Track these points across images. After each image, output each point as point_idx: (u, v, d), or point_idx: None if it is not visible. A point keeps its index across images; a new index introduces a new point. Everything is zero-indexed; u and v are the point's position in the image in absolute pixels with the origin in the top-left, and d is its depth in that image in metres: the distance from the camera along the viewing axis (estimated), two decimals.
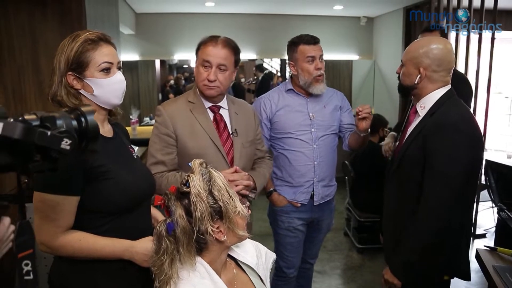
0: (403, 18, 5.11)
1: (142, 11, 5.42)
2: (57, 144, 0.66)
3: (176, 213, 1.07)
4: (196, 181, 1.08)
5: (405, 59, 1.71)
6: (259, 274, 1.27)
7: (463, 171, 1.55)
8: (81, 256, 1.23)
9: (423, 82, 1.66)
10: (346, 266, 3.56)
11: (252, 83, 6.11)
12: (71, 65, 1.24)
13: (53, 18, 2.59)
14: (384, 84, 5.79)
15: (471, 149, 1.58)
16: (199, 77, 1.75)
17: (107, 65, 1.26)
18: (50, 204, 1.17)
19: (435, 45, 1.64)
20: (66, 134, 0.68)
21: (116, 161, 1.29)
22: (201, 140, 1.75)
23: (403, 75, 1.74)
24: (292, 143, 2.18)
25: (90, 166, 1.21)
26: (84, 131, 0.76)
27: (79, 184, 1.20)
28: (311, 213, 2.26)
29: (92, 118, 0.78)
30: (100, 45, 1.26)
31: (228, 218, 1.10)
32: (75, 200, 1.21)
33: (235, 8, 5.40)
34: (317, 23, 5.76)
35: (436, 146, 1.57)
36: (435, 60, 1.62)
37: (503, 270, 1.63)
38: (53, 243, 1.20)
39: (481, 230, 4.16)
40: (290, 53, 2.18)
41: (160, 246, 1.09)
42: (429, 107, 1.66)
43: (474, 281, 3.08)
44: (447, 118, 1.59)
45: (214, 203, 1.08)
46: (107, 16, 3.27)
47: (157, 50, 5.66)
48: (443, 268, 1.68)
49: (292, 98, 2.21)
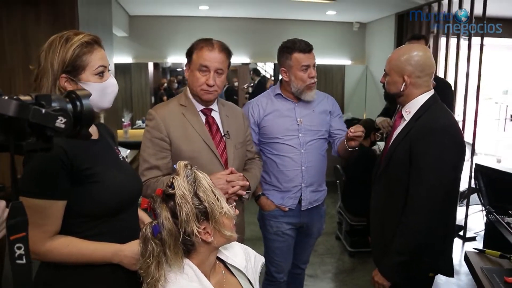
0: (395, 24, 5.18)
1: (136, 13, 5.42)
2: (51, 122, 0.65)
3: (162, 215, 1.07)
4: (181, 182, 1.08)
5: (388, 68, 1.77)
6: (248, 277, 1.27)
7: (450, 172, 1.62)
8: (70, 262, 1.22)
9: (408, 88, 1.71)
10: (338, 270, 3.57)
11: (250, 87, 6.14)
12: (67, 67, 1.22)
13: (45, 21, 2.57)
14: (376, 89, 5.84)
15: (457, 152, 1.65)
16: (196, 82, 1.75)
17: (102, 69, 1.26)
18: (36, 209, 1.14)
19: (415, 52, 1.70)
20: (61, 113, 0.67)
21: (103, 163, 1.28)
22: (195, 143, 1.75)
23: (388, 84, 1.79)
24: (280, 148, 2.17)
25: (77, 169, 1.19)
26: (79, 115, 0.75)
27: (65, 188, 1.18)
28: (300, 218, 2.25)
29: (88, 102, 0.77)
30: (95, 48, 1.25)
31: (214, 218, 1.10)
32: (61, 205, 1.19)
33: (229, 12, 5.42)
34: (310, 28, 5.81)
35: (424, 149, 1.62)
36: (417, 67, 1.68)
37: (490, 272, 1.65)
38: (40, 249, 1.18)
39: (471, 233, 4.20)
40: (283, 59, 2.14)
41: (146, 249, 1.08)
42: (414, 111, 1.72)
43: (465, 283, 3.11)
44: (435, 122, 1.65)
45: (199, 204, 1.09)
46: (100, 19, 3.27)
47: (150, 53, 5.66)
48: (429, 266, 1.73)
49: (280, 103, 2.21)
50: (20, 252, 0.69)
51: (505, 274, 1.62)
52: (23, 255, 0.69)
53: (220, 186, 1.71)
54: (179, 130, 1.75)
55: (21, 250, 0.69)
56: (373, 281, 1.77)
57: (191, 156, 1.71)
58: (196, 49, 1.75)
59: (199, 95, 1.78)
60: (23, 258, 0.69)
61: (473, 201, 4.19)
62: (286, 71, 2.14)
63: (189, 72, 1.78)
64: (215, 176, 1.72)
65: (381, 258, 1.78)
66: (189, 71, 1.78)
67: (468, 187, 4.27)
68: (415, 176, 1.63)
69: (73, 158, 1.18)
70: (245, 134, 1.97)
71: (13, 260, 0.67)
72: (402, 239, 1.66)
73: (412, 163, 1.64)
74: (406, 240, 1.65)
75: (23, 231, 0.71)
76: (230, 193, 1.74)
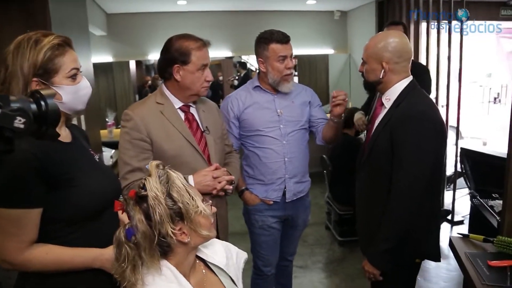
0: (376, 11, 5.16)
1: (113, 11, 5.32)
2: (9, 122, 0.64)
3: (135, 217, 1.04)
4: (153, 183, 1.05)
5: (366, 56, 1.76)
6: (230, 275, 1.25)
7: (430, 159, 1.62)
8: (50, 270, 1.19)
9: (387, 75, 1.70)
10: (328, 259, 3.58)
11: (235, 79, 6.09)
12: (38, 71, 1.17)
13: (17, 20, 2.49)
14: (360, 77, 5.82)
15: (437, 137, 1.64)
16: (197, 81, 1.71)
17: (75, 72, 1.23)
18: (10, 219, 1.11)
19: (391, 39, 1.70)
20: (19, 112, 0.66)
21: (79, 167, 1.25)
22: (176, 141, 1.72)
23: (366, 72, 1.78)
24: (262, 140, 2.16)
25: (53, 174, 1.16)
26: (44, 115, 0.74)
27: (39, 195, 1.15)
28: (284, 210, 2.24)
29: (53, 101, 0.75)
30: (67, 50, 1.22)
31: (189, 218, 1.07)
32: (37, 212, 1.15)
33: (207, 6, 5.35)
34: (290, 18, 5.75)
35: (403, 137, 1.62)
36: (395, 53, 1.68)
37: (474, 256, 1.66)
38: (17, 260, 1.14)
39: (458, 217, 4.24)
40: (260, 50, 2.12)
41: (120, 253, 1.05)
42: (394, 98, 1.71)
43: (453, 267, 3.14)
44: (413, 108, 1.65)
45: (173, 204, 1.06)
46: (75, 18, 3.19)
47: (130, 51, 5.57)
48: (415, 251, 1.74)
49: (259, 95, 2.19)
50: None
51: (489, 258, 1.62)
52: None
53: (207, 183, 1.70)
54: (160, 129, 1.70)
55: None
56: (364, 270, 1.78)
57: (173, 154, 1.68)
58: (193, 49, 1.68)
59: (199, 93, 1.76)
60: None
61: (459, 185, 4.21)
62: (263, 61, 2.12)
63: (185, 73, 1.70)
64: (200, 173, 1.71)
65: (368, 247, 1.78)
66: (185, 72, 1.70)
67: (455, 171, 4.30)
68: (396, 164, 1.64)
69: (46, 164, 1.15)
70: (221, 127, 1.96)
71: None
72: (387, 226, 1.66)
73: (393, 151, 1.64)
74: (391, 227, 1.66)
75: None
76: (218, 189, 1.72)
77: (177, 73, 1.71)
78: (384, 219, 1.67)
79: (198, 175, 1.70)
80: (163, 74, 1.76)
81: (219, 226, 1.82)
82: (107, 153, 4.10)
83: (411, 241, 1.69)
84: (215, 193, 1.73)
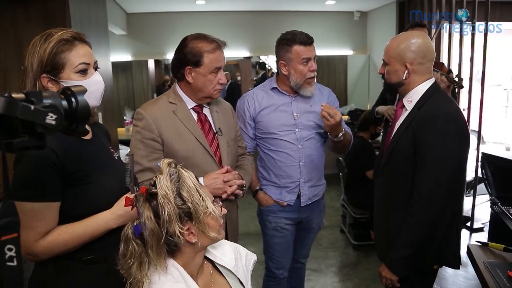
0: (397, 12, 5.07)
1: (133, 11, 5.38)
2: (41, 118, 0.64)
3: (144, 215, 1.04)
4: (164, 181, 1.04)
5: (388, 57, 1.71)
6: (239, 277, 1.23)
7: (454, 161, 1.59)
8: (69, 248, 1.19)
9: (411, 76, 1.66)
10: (342, 263, 3.52)
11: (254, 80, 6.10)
12: (45, 67, 1.18)
13: (36, 19, 2.53)
14: (379, 79, 5.73)
15: (461, 141, 1.60)
16: (209, 84, 1.69)
17: (84, 66, 1.21)
18: (29, 213, 1.13)
19: (414, 39, 1.65)
20: (51, 109, 0.66)
21: (95, 164, 1.25)
22: (188, 142, 1.70)
23: (388, 74, 1.72)
24: (277, 144, 2.12)
25: (68, 171, 1.17)
26: (74, 112, 0.74)
27: (57, 189, 1.16)
28: (299, 213, 2.21)
29: (83, 98, 0.76)
30: (75, 45, 1.21)
31: (198, 219, 1.06)
32: (56, 206, 1.17)
33: (226, 6, 5.36)
34: (310, 19, 5.72)
35: (427, 138, 1.58)
36: (419, 53, 1.63)
37: (493, 266, 1.60)
38: (36, 249, 1.16)
39: (478, 224, 4.12)
40: (282, 52, 2.06)
41: (127, 249, 1.05)
42: (416, 100, 1.67)
43: (472, 275, 3.05)
44: (437, 110, 1.61)
45: (182, 204, 1.05)
46: (94, 16, 3.23)
47: (149, 50, 5.63)
48: (434, 258, 1.69)
49: (277, 97, 2.14)
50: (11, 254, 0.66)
51: (509, 268, 1.56)
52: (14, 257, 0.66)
53: (217, 186, 1.67)
54: (171, 129, 1.69)
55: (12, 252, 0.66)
56: (380, 276, 1.73)
57: (185, 155, 1.66)
58: (206, 52, 1.65)
59: (211, 96, 1.73)
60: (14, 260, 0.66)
61: (480, 191, 4.10)
62: (286, 64, 2.06)
63: (197, 76, 1.68)
64: (211, 176, 1.69)
65: (386, 252, 1.73)
66: (196, 74, 1.68)
67: (475, 177, 4.18)
68: (419, 166, 1.59)
69: (64, 160, 1.16)
70: (235, 129, 1.93)
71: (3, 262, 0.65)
72: (408, 231, 1.62)
73: (416, 154, 1.60)
74: (412, 233, 1.61)
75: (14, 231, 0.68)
76: (229, 194, 1.70)
77: (189, 75, 1.69)
78: (405, 225, 1.62)
79: (208, 178, 1.68)
80: (176, 74, 1.74)
81: (228, 229, 1.80)
82: (124, 151, 4.15)
83: (431, 247, 1.64)
84: (225, 197, 1.70)
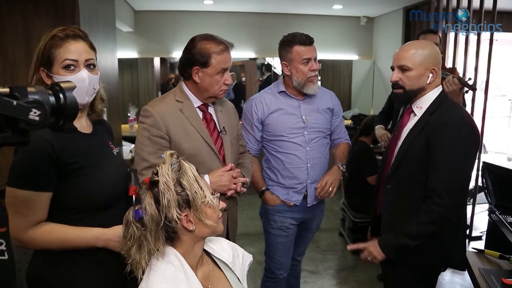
0: (403, 18, 5.09)
1: (141, 8, 5.41)
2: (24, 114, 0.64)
3: (145, 201, 1.09)
4: (165, 170, 1.09)
5: (413, 63, 1.68)
6: (236, 273, 1.26)
7: (467, 165, 1.64)
8: (53, 248, 1.24)
9: (434, 81, 1.70)
10: (340, 266, 3.54)
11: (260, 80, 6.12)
12: (41, 60, 1.25)
13: (46, 15, 2.57)
14: (384, 84, 5.76)
15: (472, 144, 1.65)
16: (216, 85, 1.71)
17: (69, 62, 1.24)
18: (21, 199, 1.18)
19: (432, 46, 1.71)
20: (35, 105, 0.65)
21: (92, 158, 1.29)
22: (194, 141, 1.72)
23: (410, 80, 1.70)
24: (285, 146, 2.15)
25: (63, 162, 1.21)
26: (62, 108, 0.74)
27: (51, 180, 1.20)
28: (304, 213, 2.25)
29: (71, 95, 0.75)
30: (67, 41, 1.25)
31: (195, 207, 1.10)
32: (47, 196, 1.21)
33: (233, 7, 5.38)
34: (316, 22, 5.74)
35: (441, 142, 1.60)
36: (438, 59, 1.70)
37: (488, 273, 1.62)
38: (23, 237, 1.22)
39: (477, 232, 4.11)
40: (284, 53, 2.11)
41: (127, 231, 1.10)
42: (426, 106, 1.70)
43: (469, 283, 3.04)
44: (451, 115, 1.65)
45: (181, 191, 1.10)
46: (102, 13, 3.26)
47: (155, 48, 5.66)
48: (441, 259, 1.72)
49: (285, 100, 2.17)
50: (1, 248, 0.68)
51: (503, 276, 1.58)
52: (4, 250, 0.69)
53: (223, 183, 1.70)
54: (179, 127, 1.71)
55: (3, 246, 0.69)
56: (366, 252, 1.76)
57: (191, 153, 1.68)
58: (214, 53, 1.67)
59: (217, 96, 1.76)
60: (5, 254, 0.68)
61: (479, 200, 4.10)
62: (287, 64, 2.11)
63: (204, 76, 1.70)
64: (216, 173, 1.71)
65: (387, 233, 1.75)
66: (204, 74, 1.70)
67: (475, 185, 4.18)
68: (433, 169, 1.61)
69: (60, 151, 1.20)
70: (237, 128, 1.97)
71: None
72: (416, 225, 1.62)
73: (429, 157, 1.62)
74: (422, 227, 1.62)
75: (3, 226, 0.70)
76: (234, 191, 1.73)
77: (196, 75, 1.71)
78: (416, 219, 1.63)
79: (214, 175, 1.70)
80: (183, 73, 1.77)
81: (229, 226, 1.83)
82: (127, 147, 4.19)
83: (438, 248, 1.67)
84: (229, 194, 1.73)
